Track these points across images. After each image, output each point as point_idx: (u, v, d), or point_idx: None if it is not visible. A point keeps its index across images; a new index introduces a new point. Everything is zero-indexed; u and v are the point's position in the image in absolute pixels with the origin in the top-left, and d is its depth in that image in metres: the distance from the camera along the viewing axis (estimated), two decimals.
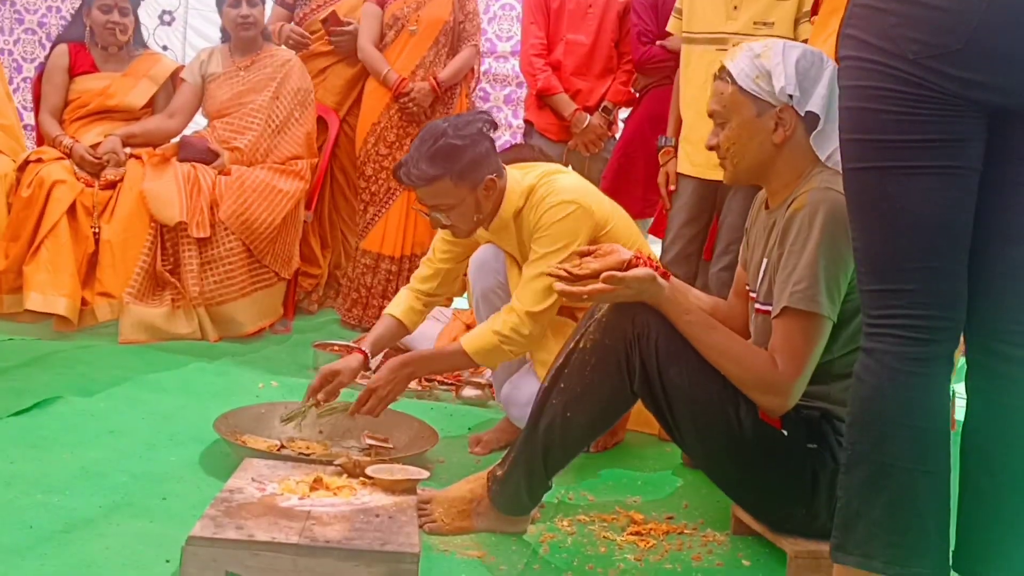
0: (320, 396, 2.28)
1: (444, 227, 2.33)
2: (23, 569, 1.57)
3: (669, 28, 3.11)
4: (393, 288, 3.83)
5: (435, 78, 3.81)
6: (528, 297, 2.24)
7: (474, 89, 4.10)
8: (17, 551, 1.64)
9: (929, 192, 1.36)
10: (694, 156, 2.94)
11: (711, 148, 1.96)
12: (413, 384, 3.07)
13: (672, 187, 3.05)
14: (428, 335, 3.21)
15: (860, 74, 1.39)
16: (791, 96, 1.85)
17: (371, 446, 2.28)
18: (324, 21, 3.97)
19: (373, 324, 3.75)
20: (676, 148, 3.05)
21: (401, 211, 3.83)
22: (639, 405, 1.91)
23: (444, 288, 2.54)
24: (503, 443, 2.45)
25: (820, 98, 1.85)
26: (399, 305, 2.49)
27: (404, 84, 3.78)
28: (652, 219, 3.94)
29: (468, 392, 3.00)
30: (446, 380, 3.10)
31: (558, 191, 2.29)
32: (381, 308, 3.78)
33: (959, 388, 1.48)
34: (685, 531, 2.04)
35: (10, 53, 5.24)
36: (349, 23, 3.96)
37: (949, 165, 1.36)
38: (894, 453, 1.38)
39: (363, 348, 2.38)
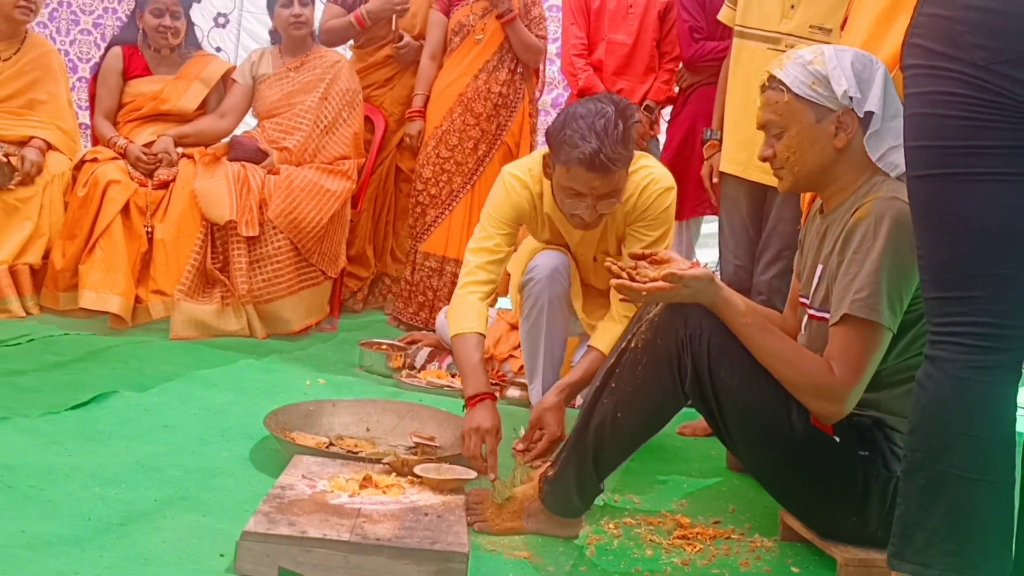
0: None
1: (596, 219, 2.26)
2: (83, 560, 1.61)
3: (721, 18, 3.00)
4: None
5: (509, 11, 3.72)
6: None
7: (539, 97, 4.08)
8: (77, 542, 1.67)
9: (996, 199, 1.34)
10: (737, 154, 2.87)
11: (765, 159, 1.94)
12: (458, 383, 3.09)
13: (716, 179, 3.00)
14: None
15: (928, 80, 1.37)
16: (852, 98, 1.83)
17: (418, 444, 2.29)
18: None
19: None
20: (721, 141, 2.99)
21: (464, 213, 3.83)
22: None
23: (503, 273, 2.48)
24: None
25: (876, 98, 1.83)
26: (475, 319, 2.31)
27: (414, 114, 3.90)
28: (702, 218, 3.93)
29: (512, 392, 3.00)
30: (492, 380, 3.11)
31: (658, 178, 2.39)
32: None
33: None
34: (732, 536, 2.02)
35: (66, 53, 5.36)
36: (402, 36, 4.01)
37: (1018, 172, 1.34)
38: (954, 462, 1.36)
39: (488, 392, 2.24)
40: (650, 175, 2.37)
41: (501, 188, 2.44)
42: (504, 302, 3.55)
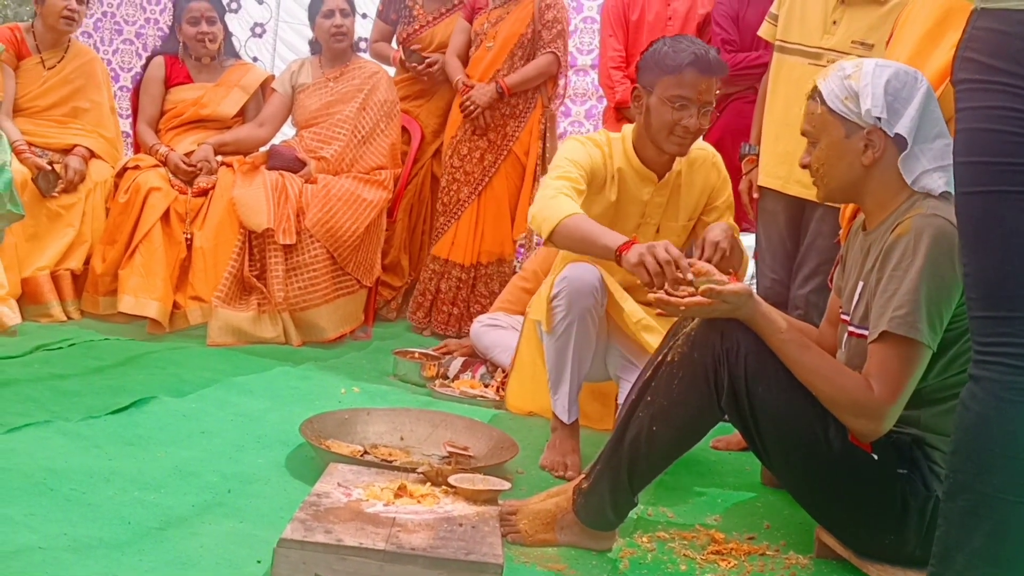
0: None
1: (699, 131, 2.42)
2: (123, 564, 1.63)
3: (762, 34, 2.99)
4: (463, 296, 3.87)
5: (503, 80, 3.82)
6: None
7: (559, 106, 4.08)
8: (117, 546, 1.70)
9: None
10: (776, 168, 2.85)
11: (804, 167, 1.96)
12: (491, 393, 3.11)
13: (756, 195, 2.98)
14: (507, 345, 3.23)
15: (984, 95, 1.35)
16: (879, 118, 1.82)
17: (452, 454, 2.30)
18: (409, 57, 4.06)
19: (440, 329, 3.87)
20: (759, 156, 2.97)
21: (471, 221, 3.88)
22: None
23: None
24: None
25: (909, 120, 1.82)
26: (576, 206, 2.30)
27: (466, 90, 3.83)
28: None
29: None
30: None
31: (715, 151, 2.61)
32: (449, 314, 3.84)
33: None
34: (767, 552, 2.01)
35: (109, 63, 5.45)
36: (430, 58, 4.06)
37: None
38: (997, 484, 1.34)
39: (632, 239, 2.18)
40: (710, 149, 2.59)
41: (573, 142, 2.51)
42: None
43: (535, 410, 2.88)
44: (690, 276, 1.93)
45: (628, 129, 2.54)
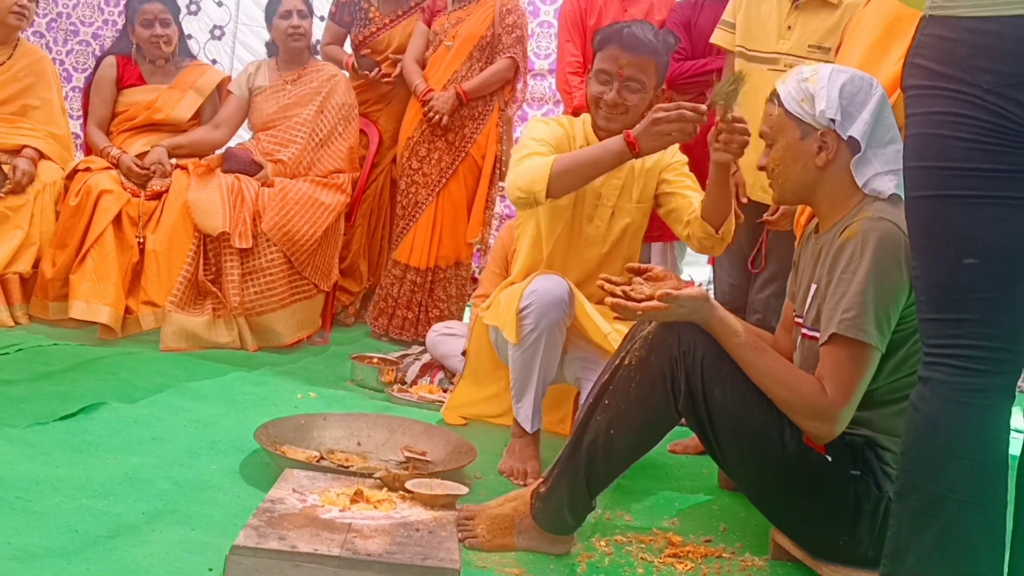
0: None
1: (619, 106, 2.41)
2: (70, 573, 1.59)
3: (717, 41, 3.02)
4: (418, 300, 3.86)
5: (461, 87, 3.83)
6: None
7: (515, 111, 4.09)
8: (63, 555, 1.66)
9: (994, 222, 1.34)
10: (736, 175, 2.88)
11: (761, 168, 1.98)
12: (438, 397, 3.08)
13: None
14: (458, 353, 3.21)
15: (931, 101, 1.37)
16: (833, 120, 1.85)
17: (409, 459, 2.28)
18: (361, 64, 4.06)
19: (398, 334, 3.85)
20: None
21: (428, 224, 3.88)
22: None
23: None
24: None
25: (863, 124, 1.85)
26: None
27: (428, 93, 3.82)
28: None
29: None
30: None
31: None
32: (405, 319, 3.82)
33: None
34: (723, 555, 2.02)
35: (61, 63, 5.35)
36: (382, 66, 4.06)
37: (1017, 196, 1.34)
38: (947, 484, 1.36)
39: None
40: None
41: (536, 122, 2.56)
42: None
43: (472, 415, 2.88)
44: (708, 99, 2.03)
45: (587, 115, 2.58)
